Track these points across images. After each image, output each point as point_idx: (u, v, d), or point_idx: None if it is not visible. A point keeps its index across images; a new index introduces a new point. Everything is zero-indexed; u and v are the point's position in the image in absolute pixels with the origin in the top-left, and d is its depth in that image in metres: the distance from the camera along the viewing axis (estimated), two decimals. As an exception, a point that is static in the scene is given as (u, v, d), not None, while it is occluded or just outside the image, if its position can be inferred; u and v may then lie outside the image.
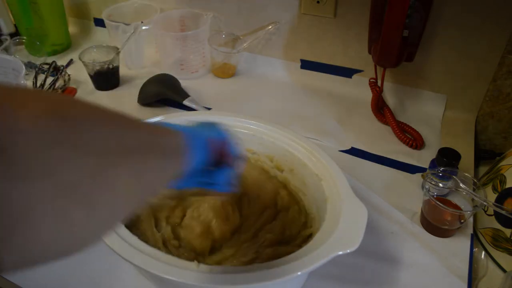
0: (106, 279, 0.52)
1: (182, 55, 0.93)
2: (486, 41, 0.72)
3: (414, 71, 0.81)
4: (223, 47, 0.94)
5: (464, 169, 0.66)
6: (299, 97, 0.89)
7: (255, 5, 0.90)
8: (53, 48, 1.05)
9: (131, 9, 1.01)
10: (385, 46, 0.70)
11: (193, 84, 0.92)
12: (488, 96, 0.76)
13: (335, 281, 0.52)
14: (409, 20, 0.70)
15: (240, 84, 0.94)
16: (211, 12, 0.93)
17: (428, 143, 0.76)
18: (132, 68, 0.98)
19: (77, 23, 1.16)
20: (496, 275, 0.55)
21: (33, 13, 0.98)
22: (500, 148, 0.78)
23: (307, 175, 0.54)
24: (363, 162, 0.72)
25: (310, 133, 0.77)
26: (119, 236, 0.41)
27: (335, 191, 0.48)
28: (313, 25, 0.86)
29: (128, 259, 0.39)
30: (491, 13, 0.70)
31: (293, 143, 0.56)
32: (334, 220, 0.44)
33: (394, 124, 0.77)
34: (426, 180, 0.59)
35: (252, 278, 0.38)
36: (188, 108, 0.84)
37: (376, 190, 0.65)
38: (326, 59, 0.90)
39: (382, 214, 0.62)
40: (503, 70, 0.72)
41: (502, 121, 0.76)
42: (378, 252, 0.56)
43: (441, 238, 0.58)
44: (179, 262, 0.39)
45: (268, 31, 0.91)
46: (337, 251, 0.40)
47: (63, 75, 0.91)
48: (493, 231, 0.56)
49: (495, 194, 0.57)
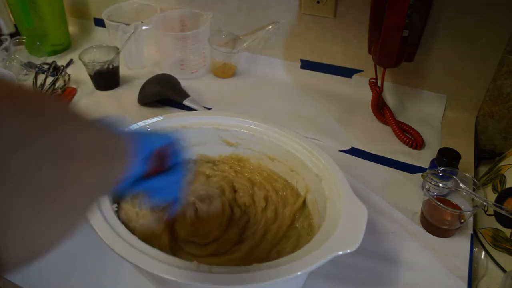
0: (106, 279, 0.52)
1: (182, 55, 0.93)
2: (486, 41, 0.72)
3: (414, 71, 0.81)
4: (223, 47, 0.94)
5: (464, 169, 0.66)
6: (299, 97, 0.89)
7: (255, 5, 0.90)
8: (53, 48, 1.05)
9: (131, 9, 1.01)
10: (385, 46, 0.70)
11: (193, 84, 0.92)
12: (488, 96, 0.76)
13: (335, 281, 0.52)
14: (409, 20, 0.70)
15: (240, 84, 0.94)
16: (211, 12, 0.93)
17: (428, 143, 0.76)
18: (132, 68, 0.98)
19: (77, 23, 1.16)
20: (496, 275, 0.55)
21: (33, 13, 0.98)
22: (500, 148, 0.78)
23: (307, 175, 0.54)
24: (363, 162, 0.72)
25: (310, 133, 0.77)
26: (119, 236, 0.41)
27: (335, 191, 0.48)
28: (313, 25, 0.86)
29: (128, 259, 0.39)
30: (490, 13, 0.70)
31: (293, 143, 0.56)
32: (334, 220, 0.44)
33: (394, 124, 0.77)
34: (426, 180, 0.59)
35: (252, 278, 0.38)
36: (188, 108, 0.84)
37: (376, 190, 0.65)
38: (326, 59, 0.90)
39: (382, 214, 0.62)
40: (503, 70, 0.72)
41: (502, 121, 0.76)
42: (378, 252, 0.56)
43: (441, 238, 0.58)
44: (179, 262, 0.39)
45: (268, 31, 0.91)
46: (337, 251, 0.40)
47: (63, 75, 0.91)
48: (493, 231, 0.56)
49: (495, 194, 0.57)
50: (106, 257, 0.54)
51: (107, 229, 0.41)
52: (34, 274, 0.52)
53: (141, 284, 0.51)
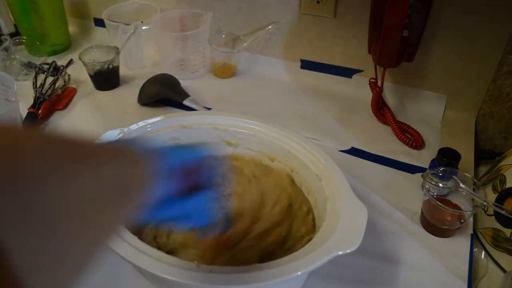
0: (106, 279, 0.52)
1: (182, 55, 0.93)
2: (486, 41, 0.72)
3: (414, 71, 0.81)
4: (223, 47, 0.94)
5: (464, 169, 0.66)
6: (299, 97, 0.89)
7: (255, 5, 0.90)
8: (53, 48, 1.05)
9: (131, 9, 1.01)
10: (385, 46, 0.70)
11: (193, 84, 0.92)
12: (488, 96, 0.76)
13: (335, 281, 0.52)
14: (409, 20, 0.70)
15: (240, 84, 0.94)
16: (211, 12, 0.93)
17: (428, 143, 0.76)
18: (132, 68, 0.98)
19: (77, 23, 1.16)
20: (496, 275, 0.55)
21: (33, 13, 0.98)
22: (500, 148, 0.78)
23: (307, 175, 0.54)
24: (363, 162, 0.72)
25: (310, 133, 0.77)
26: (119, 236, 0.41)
27: (335, 191, 0.48)
28: (313, 25, 0.86)
29: (128, 259, 0.39)
30: (490, 13, 0.70)
31: (293, 143, 0.56)
32: (334, 220, 0.44)
33: (394, 124, 0.77)
34: (426, 180, 0.59)
35: (252, 278, 0.38)
36: (188, 108, 0.84)
37: (376, 190, 0.65)
38: (326, 59, 0.90)
39: (382, 214, 0.62)
40: (503, 70, 0.72)
41: (502, 121, 0.76)
42: (378, 252, 0.56)
43: (441, 238, 0.58)
44: (179, 262, 0.39)
45: (268, 31, 0.91)
46: (337, 251, 0.40)
47: (63, 75, 0.91)
48: (493, 231, 0.56)
49: (495, 194, 0.57)
50: (106, 257, 0.54)
51: (107, 229, 0.41)
52: (34, 274, 0.52)
53: (141, 284, 0.51)
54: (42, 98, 0.82)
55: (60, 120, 0.82)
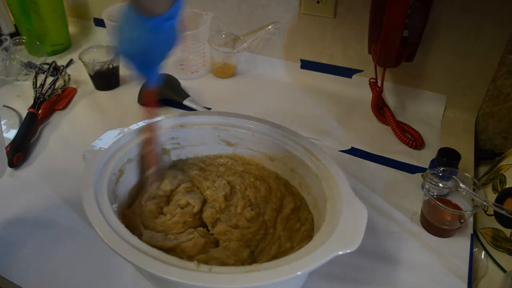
0: (106, 279, 0.52)
1: (182, 55, 0.93)
2: (486, 41, 0.72)
3: (414, 71, 0.81)
4: (223, 47, 0.94)
5: (464, 169, 0.66)
6: (299, 97, 0.89)
7: (255, 5, 0.90)
8: (53, 48, 1.05)
9: (131, 9, 1.01)
10: (385, 46, 0.70)
11: (193, 84, 0.92)
12: (488, 96, 0.76)
13: (335, 281, 0.52)
14: (409, 20, 0.70)
15: (240, 84, 0.94)
16: (211, 12, 0.93)
17: (428, 143, 0.76)
18: (132, 68, 0.98)
19: (77, 23, 1.16)
20: (496, 275, 0.55)
21: (33, 13, 0.98)
22: (500, 148, 0.78)
23: (307, 175, 0.54)
24: (363, 162, 0.72)
25: (310, 133, 0.77)
26: (119, 236, 0.41)
27: (335, 191, 0.48)
28: (313, 25, 0.86)
29: (128, 259, 0.39)
30: (490, 13, 0.70)
31: (293, 143, 0.56)
32: (334, 220, 0.44)
33: (394, 124, 0.77)
34: (426, 180, 0.59)
35: (252, 278, 0.38)
36: (188, 108, 0.84)
37: (376, 190, 0.65)
38: (326, 59, 0.90)
39: (382, 214, 0.62)
40: (503, 70, 0.72)
41: (502, 121, 0.76)
42: (378, 252, 0.56)
43: (441, 238, 0.58)
44: (179, 262, 0.39)
45: (268, 31, 0.91)
46: (337, 251, 0.40)
47: (63, 75, 0.91)
48: (493, 231, 0.56)
49: (495, 194, 0.57)
50: (106, 257, 0.54)
51: (107, 229, 0.41)
52: (34, 274, 0.52)
53: (141, 284, 0.51)
54: (42, 98, 0.82)
55: (60, 120, 0.82)
